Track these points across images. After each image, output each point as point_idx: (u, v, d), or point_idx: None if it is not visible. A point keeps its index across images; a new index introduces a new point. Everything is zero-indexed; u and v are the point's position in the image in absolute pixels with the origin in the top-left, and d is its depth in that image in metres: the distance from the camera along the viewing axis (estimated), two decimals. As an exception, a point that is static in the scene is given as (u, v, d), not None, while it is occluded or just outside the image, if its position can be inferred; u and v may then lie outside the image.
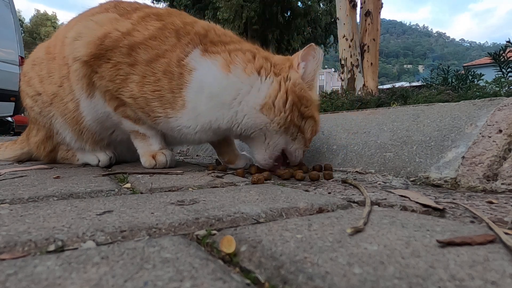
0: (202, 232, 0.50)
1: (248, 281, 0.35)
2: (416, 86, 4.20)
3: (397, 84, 5.58)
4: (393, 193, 0.77)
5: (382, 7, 4.35)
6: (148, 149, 1.25)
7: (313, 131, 1.16)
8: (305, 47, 1.12)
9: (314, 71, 1.13)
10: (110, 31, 1.12)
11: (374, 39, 4.29)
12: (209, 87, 1.07)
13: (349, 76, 4.29)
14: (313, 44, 1.12)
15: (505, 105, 0.95)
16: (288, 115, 1.07)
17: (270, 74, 1.10)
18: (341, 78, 4.45)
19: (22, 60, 5.46)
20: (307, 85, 1.12)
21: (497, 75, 2.73)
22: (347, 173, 1.14)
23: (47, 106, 1.36)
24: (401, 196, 0.74)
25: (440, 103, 1.18)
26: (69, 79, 1.25)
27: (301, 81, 1.10)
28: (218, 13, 11.36)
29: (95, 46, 1.12)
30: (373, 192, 0.79)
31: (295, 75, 1.10)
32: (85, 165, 1.43)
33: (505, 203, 0.66)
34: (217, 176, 1.03)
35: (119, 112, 1.22)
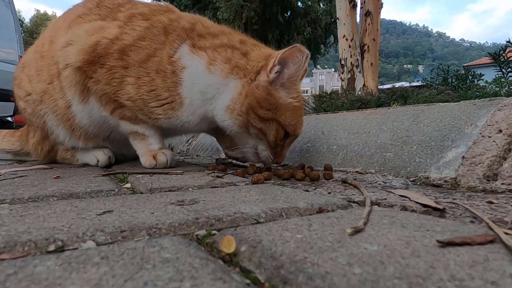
0: (202, 232, 0.50)
1: (248, 281, 0.35)
2: (416, 86, 4.21)
3: (397, 84, 5.58)
4: (393, 193, 0.77)
5: (382, 7, 4.35)
6: (148, 149, 1.25)
7: (277, 135, 1.09)
8: (288, 48, 1.04)
9: (295, 75, 1.07)
10: (99, 40, 1.14)
11: (374, 39, 4.29)
12: (198, 84, 1.12)
13: (349, 76, 4.29)
14: (298, 45, 1.04)
15: (505, 105, 0.95)
16: (245, 117, 1.07)
17: (240, 74, 1.09)
18: (341, 78, 4.45)
19: (22, 60, 5.46)
20: (283, 88, 1.07)
21: (497, 75, 2.73)
22: (347, 173, 1.14)
23: (37, 104, 1.36)
24: (401, 196, 0.74)
25: (440, 103, 1.18)
26: (60, 79, 1.25)
27: (266, 84, 1.05)
28: (218, 13, 11.36)
29: (87, 54, 1.13)
30: (373, 192, 0.79)
31: (262, 78, 1.06)
32: (85, 165, 1.43)
33: (505, 203, 0.66)
34: (217, 176, 1.03)
35: (116, 114, 1.22)
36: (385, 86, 5.77)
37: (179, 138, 2.28)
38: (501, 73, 2.72)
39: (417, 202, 0.67)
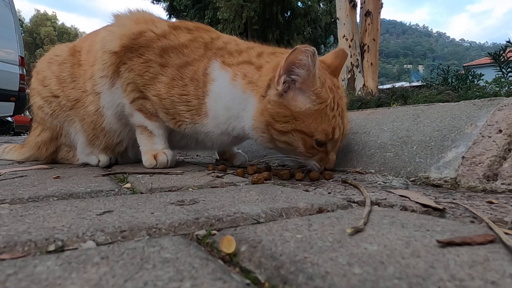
0: (202, 232, 0.50)
1: (248, 281, 0.35)
2: (416, 86, 4.20)
3: (397, 84, 5.58)
4: (393, 193, 0.77)
5: (382, 7, 4.35)
6: (151, 148, 1.26)
7: (306, 144, 1.01)
8: (289, 52, 0.96)
9: (308, 77, 0.97)
10: (145, 31, 1.18)
11: (374, 39, 4.29)
12: (223, 98, 1.12)
13: (349, 76, 4.29)
14: (298, 46, 0.94)
15: (505, 105, 0.95)
16: (268, 134, 1.04)
17: (255, 91, 1.06)
18: (341, 78, 4.45)
19: (22, 60, 5.46)
20: (301, 93, 0.99)
21: (497, 75, 2.73)
22: (347, 173, 1.14)
23: (66, 110, 1.36)
24: (401, 196, 0.74)
25: (440, 103, 1.18)
26: (93, 77, 1.26)
27: (276, 97, 1.00)
28: (218, 13, 11.37)
29: (128, 40, 1.18)
30: (373, 192, 0.79)
31: (272, 92, 1.01)
32: (85, 165, 1.43)
33: (505, 203, 0.66)
34: (217, 176, 1.03)
35: (134, 104, 1.24)
36: (385, 86, 5.77)
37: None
38: (501, 73, 2.72)
39: (417, 202, 0.67)
